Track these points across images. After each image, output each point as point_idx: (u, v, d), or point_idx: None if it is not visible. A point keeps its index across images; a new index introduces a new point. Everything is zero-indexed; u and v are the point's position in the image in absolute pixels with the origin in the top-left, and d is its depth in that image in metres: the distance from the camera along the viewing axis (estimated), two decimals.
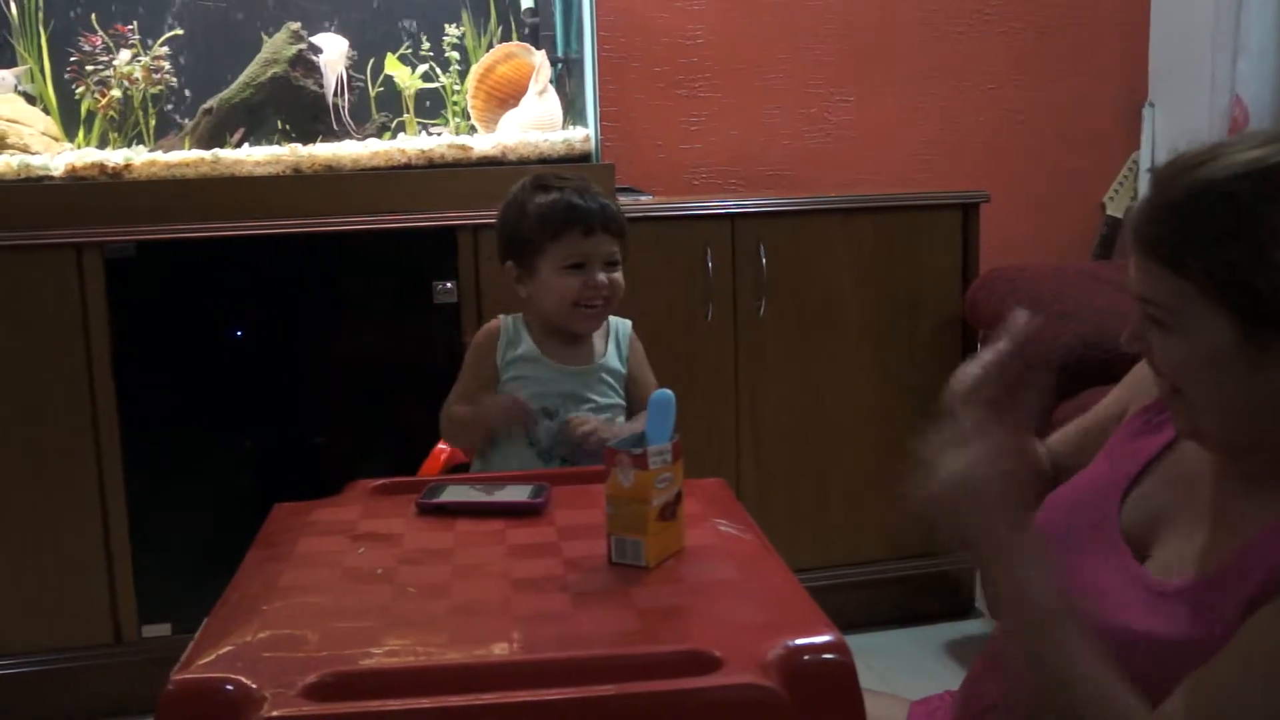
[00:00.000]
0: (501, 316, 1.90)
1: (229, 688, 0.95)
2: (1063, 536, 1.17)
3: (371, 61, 2.67)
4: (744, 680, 0.95)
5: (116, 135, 2.54)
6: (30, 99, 2.50)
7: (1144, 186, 3.24)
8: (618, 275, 1.81)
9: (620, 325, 1.89)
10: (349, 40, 2.63)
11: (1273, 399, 0.97)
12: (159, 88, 2.56)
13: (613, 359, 1.84)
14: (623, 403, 1.85)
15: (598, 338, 1.86)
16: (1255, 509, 1.01)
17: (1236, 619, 0.95)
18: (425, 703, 0.93)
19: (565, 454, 1.78)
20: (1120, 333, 1.09)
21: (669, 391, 1.26)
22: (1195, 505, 1.09)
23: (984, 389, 1.12)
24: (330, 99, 2.58)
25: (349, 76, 2.62)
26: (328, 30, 2.67)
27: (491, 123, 2.66)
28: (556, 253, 1.76)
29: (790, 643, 0.99)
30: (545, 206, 1.77)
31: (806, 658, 0.99)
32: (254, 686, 0.95)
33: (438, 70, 2.69)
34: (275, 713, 0.91)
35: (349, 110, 2.61)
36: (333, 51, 2.60)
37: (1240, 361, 0.96)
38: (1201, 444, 1.07)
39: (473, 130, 2.68)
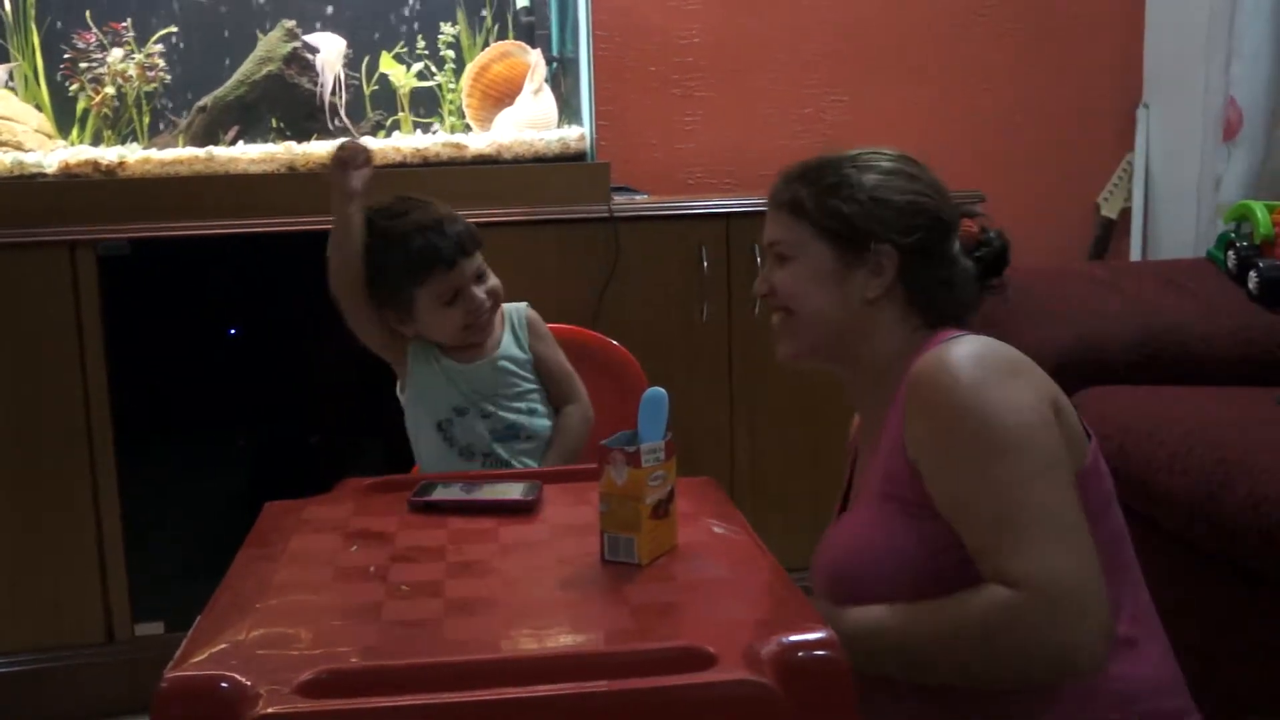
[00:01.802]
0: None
1: (223, 685, 0.95)
2: (815, 566, 1.43)
3: (366, 60, 2.67)
4: (738, 676, 0.95)
5: (110, 132, 2.53)
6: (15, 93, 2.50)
7: (1139, 188, 3.25)
8: (493, 283, 1.77)
9: (514, 311, 1.84)
10: (344, 38, 2.63)
11: (853, 305, 1.35)
12: (153, 85, 2.56)
13: (510, 347, 1.80)
14: (537, 388, 1.82)
15: (495, 329, 1.83)
16: (878, 406, 1.37)
17: (873, 516, 1.31)
18: (419, 700, 0.93)
19: (487, 450, 1.76)
20: (1117, 334, 1.26)
21: (661, 390, 1.26)
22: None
23: None
24: (327, 98, 2.57)
25: (345, 75, 2.62)
26: (323, 28, 2.67)
27: (486, 121, 2.66)
28: (429, 293, 1.72)
29: (784, 639, 0.99)
30: (399, 257, 1.71)
31: (800, 654, 0.99)
32: (248, 684, 0.95)
33: (433, 69, 2.69)
34: (270, 709, 0.91)
35: (344, 108, 2.61)
36: (330, 50, 2.60)
37: (835, 276, 1.35)
38: (798, 361, 1.41)
39: (468, 129, 2.68)
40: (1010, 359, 1.27)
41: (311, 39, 2.60)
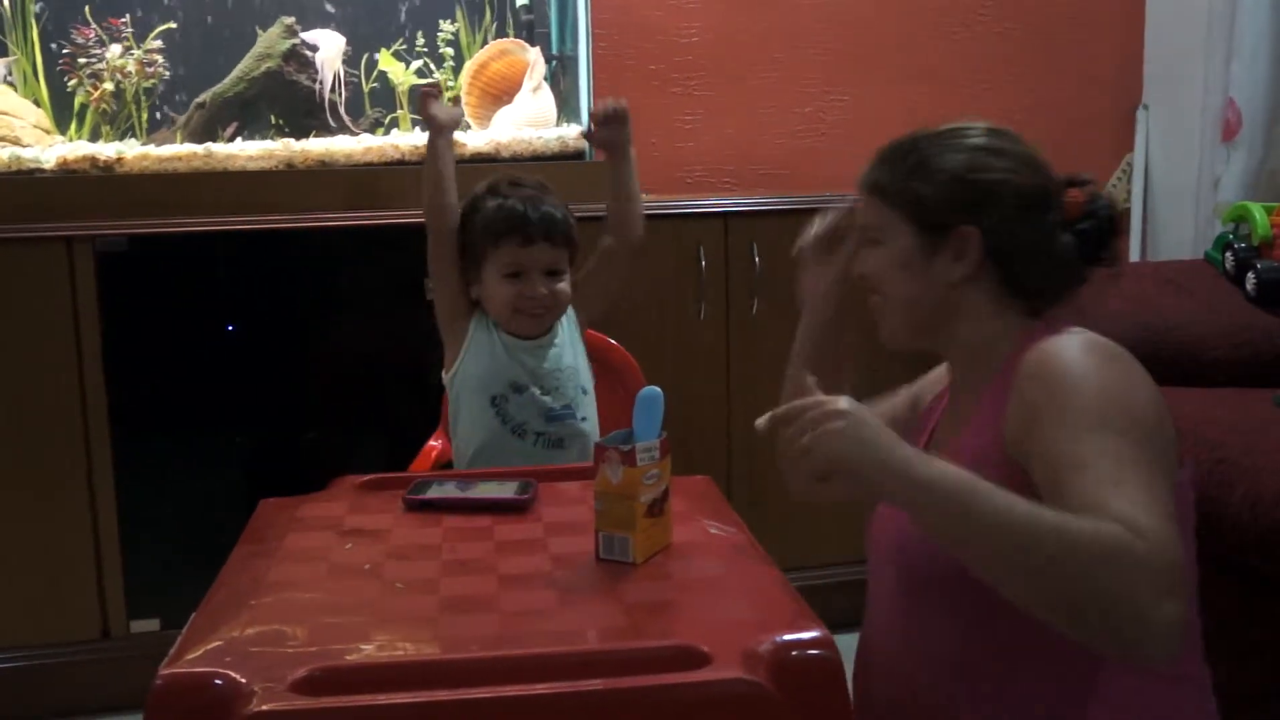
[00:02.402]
0: None
1: (218, 682, 0.95)
2: (874, 537, 1.37)
3: (365, 57, 2.67)
4: (732, 675, 0.95)
5: (108, 128, 2.53)
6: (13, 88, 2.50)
7: (1138, 188, 3.25)
8: (561, 285, 1.78)
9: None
10: (343, 35, 2.63)
11: (938, 289, 1.31)
12: (152, 81, 2.56)
13: (564, 334, 1.84)
14: (586, 370, 1.85)
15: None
16: (972, 385, 1.32)
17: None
18: (414, 697, 0.93)
19: (540, 429, 1.77)
20: (1115, 334, 1.23)
21: (657, 389, 1.26)
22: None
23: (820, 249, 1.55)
24: (327, 95, 2.57)
25: (345, 72, 2.62)
26: (322, 25, 2.66)
27: (485, 119, 2.66)
28: (497, 260, 1.76)
29: (778, 639, 0.99)
30: (490, 213, 1.77)
31: (794, 653, 0.99)
32: (243, 681, 0.95)
33: (432, 66, 2.69)
34: (264, 707, 0.91)
35: (343, 105, 2.60)
36: (330, 48, 2.60)
37: (919, 260, 1.31)
38: (895, 342, 1.38)
39: (466, 127, 2.67)
40: (1133, 360, 1.21)
41: (311, 36, 2.60)
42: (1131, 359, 1.21)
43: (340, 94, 2.60)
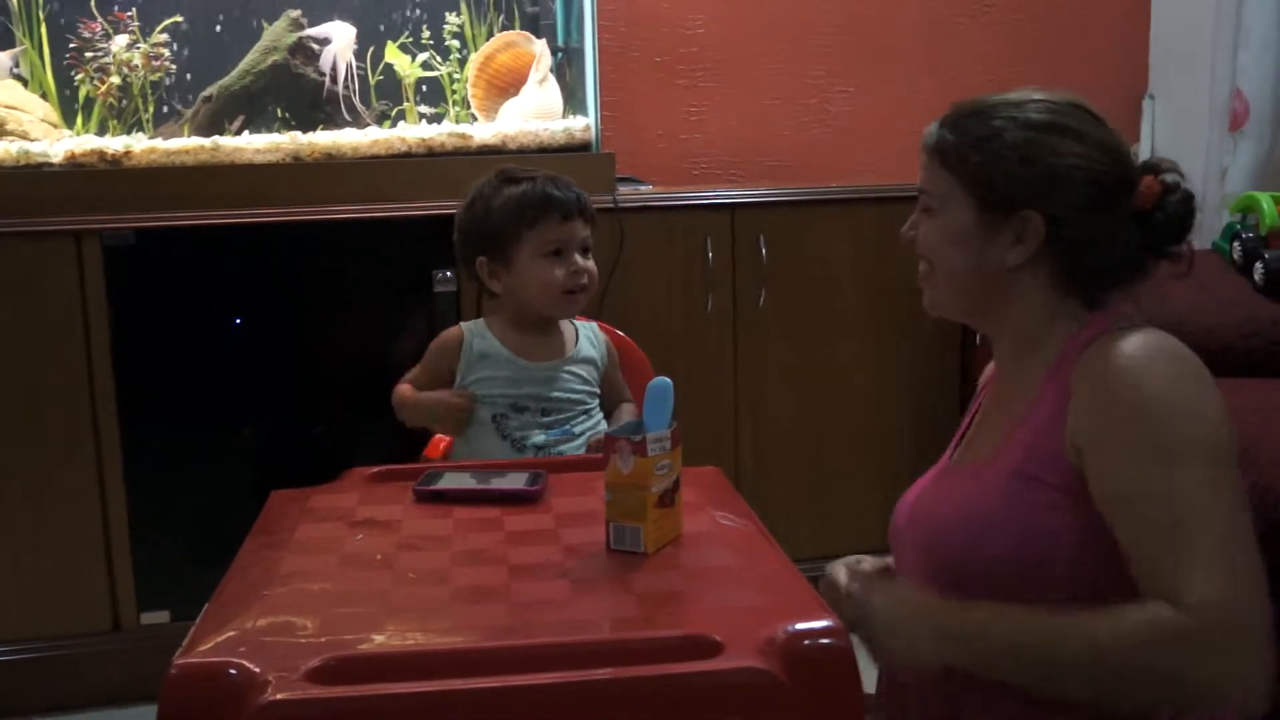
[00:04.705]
0: (462, 325, 1.84)
1: (232, 672, 0.95)
2: (903, 526, 1.35)
3: (372, 50, 2.67)
4: (744, 664, 0.95)
5: (116, 122, 2.53)
6: (23, 81, 2.50)
7: None
8: (592, 264, 1.79)
9: (586, 327, 1.87)
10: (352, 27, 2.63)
11: (992, 270, 1.24)
12: (158, 75, 2.56)
13: (586, 348, 1.83)
14: (596, 392, 1.83)
15: (566, 331, 1.85)
16: (1024, 374, 1.26)
17: (1001, 489, 1.20)
18: (427, 686, 0.93)
19: (540, 444, 1.77)
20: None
21: (667, 379, 1.26)
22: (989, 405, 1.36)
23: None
24: (341, 88, 2.57)
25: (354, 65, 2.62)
26: (328, 18, 2.66)
27: (492, 111, 2.66)
28: (535, 240, 1.74)
29: (789, 628, 0.99)
30: (519, 196, 1.75)
31: (806, 642, 0.99)
32: (257, 670, 0.95)
33: (438, 58, 2.69)
34: (279, 696, 0.92)
35: (356, 97, 2.60)
36: (341, 39, 2.59)
37: (976, 237, 1.24)
38: (937, 312, 1.33)
39: (473, 119, 2.67)
40: (1197, 362, 1.17)
41: (322, 29, 2.60)
42: (1197, 362, 1.17)
43: (355, 87, 2.59)
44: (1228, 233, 2.47)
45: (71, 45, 2.51)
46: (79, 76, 2.52)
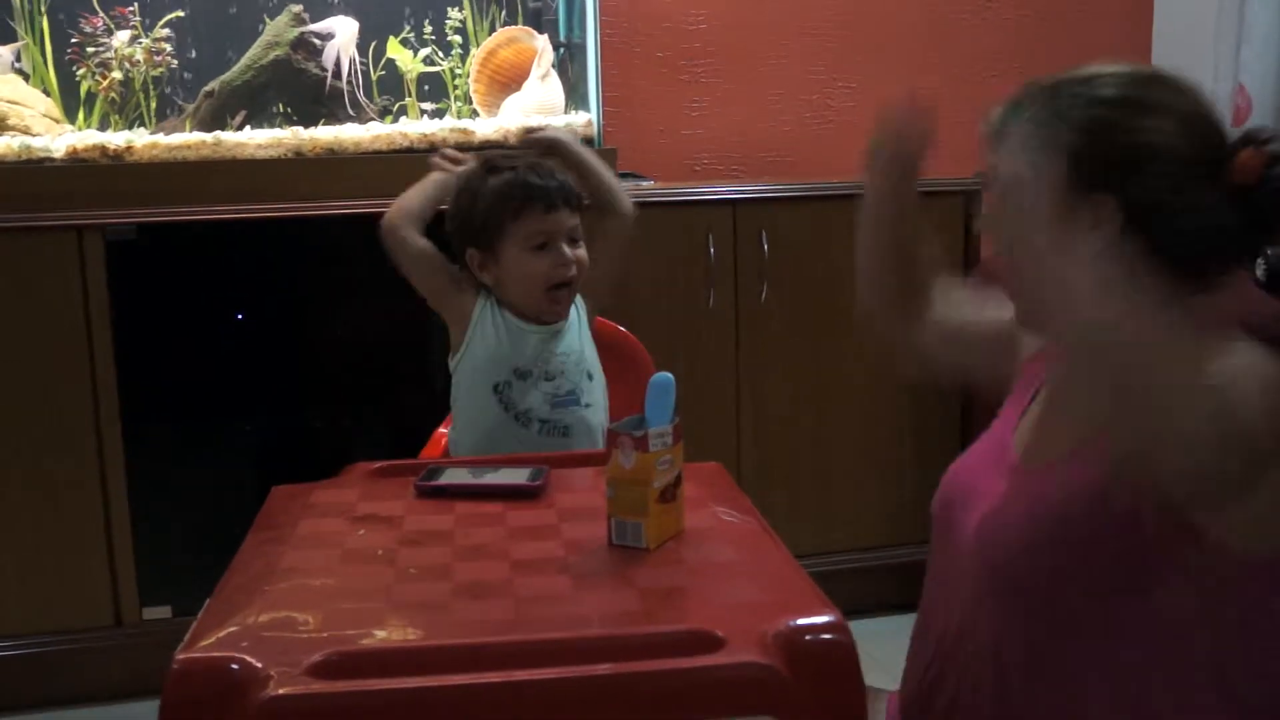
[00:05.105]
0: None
1: (234, 666, 0.96)
2: (962, 495, 1.27)
3: (374, 45, 2.67)
4: (746, 659, 0.95)
5: (117, 117, 2.53)
6: (25, 76, 2.50)
7: None
8: (582, 251, 1.76)
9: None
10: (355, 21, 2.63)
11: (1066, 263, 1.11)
12: (160, 70, 2.56)
13: (573, 313, 1.82)
14: (594, 356, 1.82)
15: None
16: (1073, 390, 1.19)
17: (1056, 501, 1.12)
18: (428, 681, 0.94)
19: (544, 416, 1.76)
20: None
21: (669, 375, 1.26)
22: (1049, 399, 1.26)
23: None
24: (343, 84, 2.57)
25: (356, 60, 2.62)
26: (330, 13, 2.66)
27: (494, 107, 2.66)
28: (519, 232, 1.72)
29: (791, 622, 1.00)
30: (501, 186, 1.73)
31: (808, 637, 0.99)
32: (259, 665, 0.95)
33: (440, 54, 2.69)
34: (281, 690, 0.92)
35: (360, 91, 2.60)
36: (344, 34, 2.59)
37: (1050, 227, 1.13)
38: (1029, 325, 1.25)
39: (475, 114, 2.67)
40: None
41: (325, 23, 2.59)
42: None
43: (357, 81, 2.59)
44: None
45: (73, 40, 2.51)
46: (81, 71, 2.52)
